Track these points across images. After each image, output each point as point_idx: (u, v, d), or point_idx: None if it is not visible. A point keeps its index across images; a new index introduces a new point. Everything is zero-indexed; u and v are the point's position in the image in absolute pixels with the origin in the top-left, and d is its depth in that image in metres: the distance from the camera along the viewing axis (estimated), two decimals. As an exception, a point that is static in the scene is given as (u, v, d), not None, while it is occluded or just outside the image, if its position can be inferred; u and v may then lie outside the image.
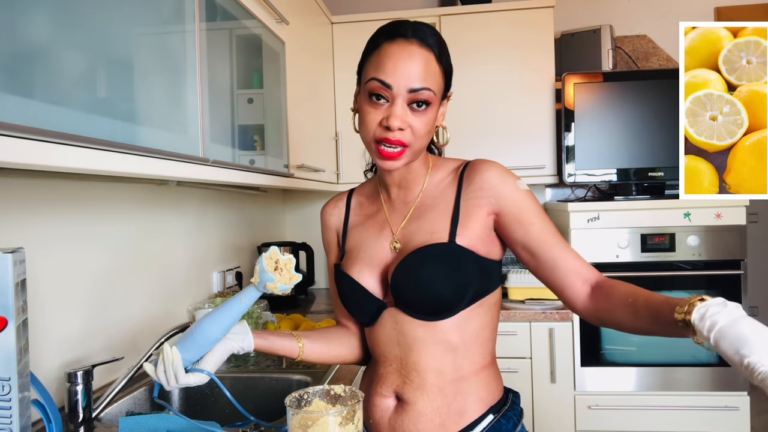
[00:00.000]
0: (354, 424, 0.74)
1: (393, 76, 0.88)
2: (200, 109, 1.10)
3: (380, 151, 0.90)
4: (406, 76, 0.88)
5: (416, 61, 0.88)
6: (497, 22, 2.47)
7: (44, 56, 0.70)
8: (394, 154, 0.90)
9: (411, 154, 0.92)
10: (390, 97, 0.89)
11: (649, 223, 2.16)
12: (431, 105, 0.90)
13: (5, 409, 0.73)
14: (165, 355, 0.87)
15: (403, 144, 0.89)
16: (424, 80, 0.88)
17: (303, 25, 1.94)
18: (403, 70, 0.88)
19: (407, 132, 0.89)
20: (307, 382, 1.35)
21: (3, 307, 0.72)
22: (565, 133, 2.32)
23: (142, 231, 1.50)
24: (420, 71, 0.88)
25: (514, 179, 0.94)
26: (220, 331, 0.89)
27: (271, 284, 0.88)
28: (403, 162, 0.91)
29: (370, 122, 0.90)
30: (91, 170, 0.79)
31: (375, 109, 0.90)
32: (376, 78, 0.89)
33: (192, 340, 0.88)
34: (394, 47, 0.89)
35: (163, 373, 0.87)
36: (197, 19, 1.08)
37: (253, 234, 2.37)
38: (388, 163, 0.91)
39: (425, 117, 0.90)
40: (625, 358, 2.17)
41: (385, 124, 0.89)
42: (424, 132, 0.91)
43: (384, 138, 0.89)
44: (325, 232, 1.10)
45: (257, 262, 0.89)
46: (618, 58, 2.70)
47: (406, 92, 0.88)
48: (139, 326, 1.46)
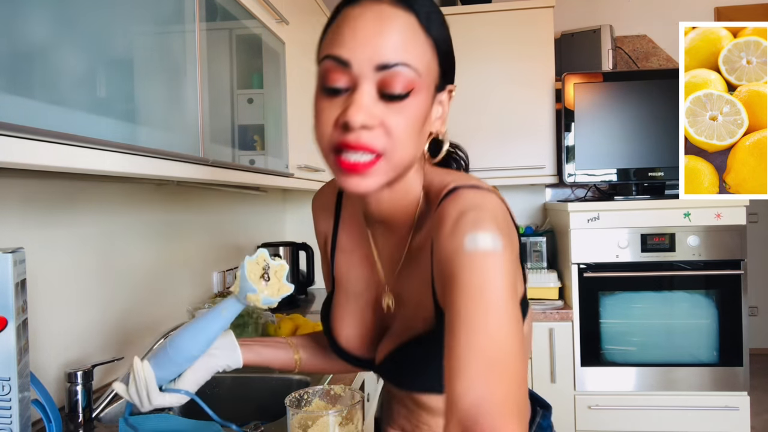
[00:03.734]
0: (354, 424, 0.74)
1: (352, 48, 0.59)
2: (200, 109, 1.09)
3: (340, 163, 0.61)
4: (373, 46, 0.59)
5: (388, 25, 0.59)
6: (497, 22, 2.47)
7: (44, 56, 0.69)
8: (359, 166, 0.60)
9: (389, 170, 0.62)
10: (350, 82, 0.60)
11: (649, 223, 2.16)
12: (416, 92, 0.61)
13: (5, 409, 0.73)
14: (136, 373, 0.76)
15: (373, 150, 0.60)
16: (401, 52, 0.59)
17: (303, 25, 1.94)
18: (366, 37, 0.59)
19: (378, 132, 0.60)
20: (307, 382, 1.35)
21: (3, 307, 0.72)
22: (565, 133, 2.32)
23: (142, 231, 1.50)
24: (393, 39, 0.59)
25: (467, 230, 0.58)
26: (198, 348, 0.78)
27: (252, 295, 0.73)
28: (376, 181, 0.61)
29: (324, 123, 0.62)
30: (91, 170, 0.78)
31: (330, 104, 0.61)
32: (329, 55, 0.61)
33: (167, 358, 0.77)
34: (356, 10, 0.61)
35: (135, 392, 0.77)
36: (197, 19, 1.08)
37: (253, 234, 2.37)
38: (352, 181, 0.61)
39: (407, 110, 0.60)
40: (625, 358, 2.17)
41: (343, 119, 0.59)
42: (406, 133, 0.61)
43: (342, 142, 0.60)
44: (316, 228, 0.89)
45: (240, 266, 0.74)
46: (618, 58, 2.70)
47: (373, 70, 0.59)
48: (139, 326, 1.46)
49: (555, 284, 2.29)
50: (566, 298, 2.28)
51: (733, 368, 2.12)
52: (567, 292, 2.27)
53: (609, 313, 2.19)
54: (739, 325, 2.12)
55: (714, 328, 2.14)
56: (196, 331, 0.78)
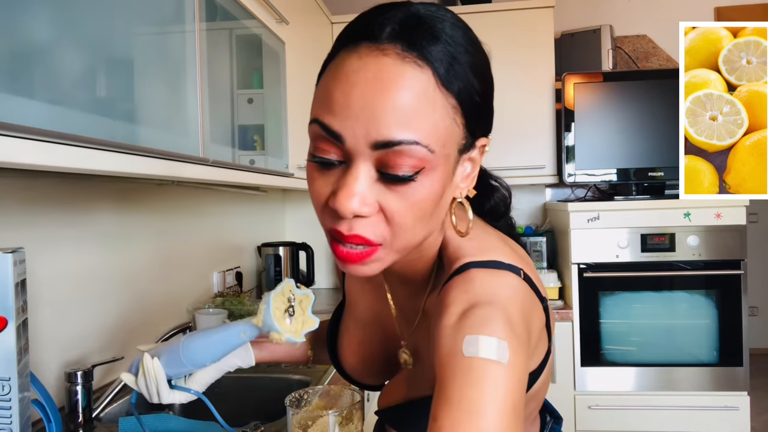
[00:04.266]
0: (354, 424, 0.74)
1: (344, 119, 0.49)
2: (200, 109, 1.09)
3: (336, 251, 0.54)
4: (369, 120, 0.48)
5: (390, 89, 0.48)
6: (497, 22, 2.47)
7: (44, 56, 0.69)
8: (354, 256, 0.53)
9: (392, 255, 0.54)
10: (343, 156, 0.51)
11: (649, 223, 2.16)
12: (427, 171, 0.50)
13: (5, 409, 0.73)
14: (146, 369, 0.78)
15: (368, 242, 0.52)
16: (407, 126, 0.48)
17: (303, 25, 1.94)
18: (362, 105, 0.48)
19: (375, 219, 0.51)
20: (307, 382, 1.35)
21: (3, 307, 0.72)
22: (565, 133, 2.32)
23: (142, 231, 1.50)
24: (399, 107, 0.48)
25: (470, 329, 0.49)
26: (211, 359, 0.78)
27: (275, 335, 0.70)
28: (375, 268, 0.54)
29: (316, 198, 0.54)
30: (91, 170, 0.78)
31: (321, 177, 0.53)
32: (317, 120, 0.51)
33: (177, 360, 0.79)
34: (354, 62, 0.50)
35: (144, 386, 0.79)
36: (197, 19, 1.08)
37: (253, 234, 2.37)
38: (351, 268, 0.54)
39: (415, 194, 0.50)
40: (625, 358, 2.17)
41: (332, 205, 0.51)
42: (413, 219, 0.51)
43: (334, 229, 0.52)
44: None
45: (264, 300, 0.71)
46: (618, 58, 2.71)
47: (369, 148, 0.49)
48: (139, 326, 1.46)
49: (555, 284, 2.29)
50: (566, 298, 2.28)
51: (733, 368, 2.12)
52: (567, 292, 2.27)
53: (609, 313, 2.19)
54: (739, 325, 2.12)
55: (714, 328, 2.14)
56: (211, 345, 0.77)
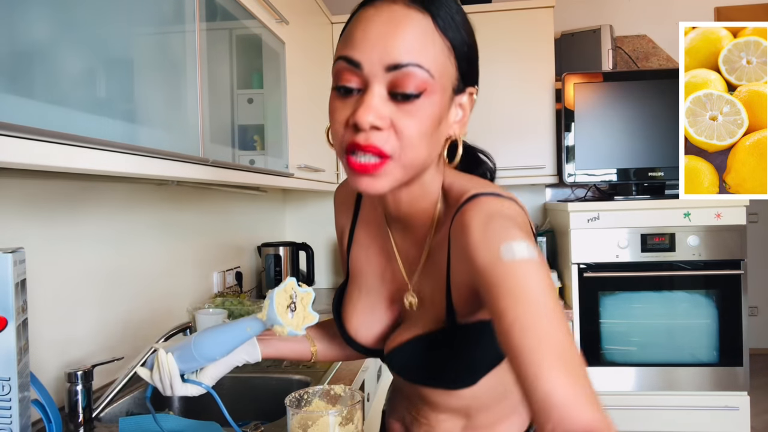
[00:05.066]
0: (354, 424, 0.74)
1: (362, 49, 0.60)
2: (200, 109, 1.09)
3: (351, 164, 0.62)
4: (383, 47, 0.60)
5: (400, 26, 0.60)
6: (497, 22, 2.47)
7: (44, 56, 0.69)
8: (369, 167, 0.61)
9: (399, 171, 0.63)
10: (362, 83, 0.61)
11: (649, 223, 2.16)
12: (429, 93, 0.61)
13: (5, 409, 0.73)
14: (161, 362, 0.81)
15: (381, 153, 0.60)
16: (413, 53, 0.60)
17: (303, 25, 1.94)
18: (377, 38, 0.60)
19: (388, 134, 0.61)
20: (307, 382, 1.35)
21: (3, 307, 0.72)
22: (565, 133, 2.32)
23: (142, 231, 1.50)
24: (405, 40, 0.60)
25: (499, 242, 0.58)
26: (221, 353, 0.83)
27: (279, 328, 0.77)
28: (385, 183, 0.63)
29: (337, 123, 0.63)
30: (91, 170, 0.79)
31: (342, 104, 0.63)
32: (342, 56, 0.62)
33: (189, 355, 0.83)
34: (370, 11, 0.63)
35: (159, 379, 0.82)
36: (197, 19, 1.08)
37: (253, 234, 2.37)
38: (363, 181, 0.62)
39: (419, 112, 0.61)
40: (625, 358, 2.17)
41: (353, 120, 0.61)
42: (417, 135, 0.61)
43: (352, 142, 0.61)
44: (336, 219, 0.91)
45: (268, 295, 0.77)
46: (618, 58, 2.71)
47: (383, 70, 0.60)
48: (139, 326, 1.46)
49: (555, 284, 2.29)
50: (566, 298, 2.28)
51: (733, 368, 2.12)
52: (567, 292, 2.27)
53: (609, 313, 2.19)
54: (739, 325, 2.12)
55: (714, 328, 2.14)
56: (221, 340, 0.82)
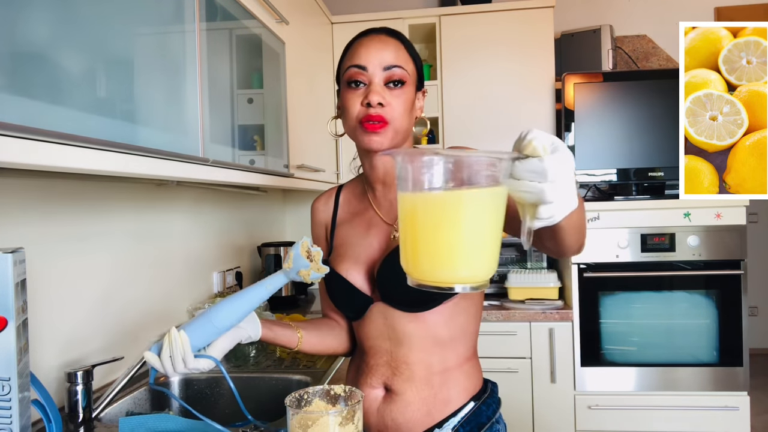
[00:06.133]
0: (354, 424, 0.74)
1: (367, 58, 0.97)
2: (200, 109, 1.10)
3: (365, 126, 0.96)
4: (379, 57, 0.97)
5: (387, 45, 0.98)
6: (497, 22, 2.47)
7: (44, 56, 0.70)
8: (377, 127, 0.95)
9: (393, 132, 0.97)
10: (367, 79, 0.97)
11: (649, 223, 2.16)
12: (406, 85, 0.98)
13: (5, 409, 0.73)
14: (173, 339, 0.85)
15: (384, 120, 0.95)
16: (397, 59, 0.97)
17: (303, 25, 1.94)
18: (375, 52, 0.97)
19: (387, 109, 0.96)
20: (307, 382, 1.35)
21: (3, 307, 0.72)
22: (565, 133, 2.32)
23: (142, 231, 1.50)
24: (392, 53, 0.98)
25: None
26: (238, 318, 0.89)
27: (304, 271, 0.89)
28: (386, 138, 0.96)
29: (352, 106, 0.97)
30: (91, 170, 0.79)
31: (354, 94, 0.98)
32: (352, 65, 0.97)
33: (205, 326, 0.86)
34: (366, 38, 1.00)
35: (168, 358, 0.85)
36: (197, 19, 1.08)
37: (253, 234, 2.37)
38: (374, 139, 0.96)
39: (402, 96, 0.97)
40: (625, 358, 2.17)
41: (366, 101, 0.95)
42: (402, 110, 0.97)
43: (367, 115, 0.95)
44: (314, 227, 1.14)
45: (291, 248, 0.91)
46: (618, 58, 2.71)
47: (381, 70, 0.96)
48: (139, 326, 1.46)
49: (555, 284, 2.29)
50: (566, 298, 2.28)
51: (733, 368, 2.12)
52: (567, 292, 2.27)
53: (609, 313, 2.19)
54: (739, 325, 2.12)
55: (714, 328, 2.14)
56: (241, 303, 0.89)
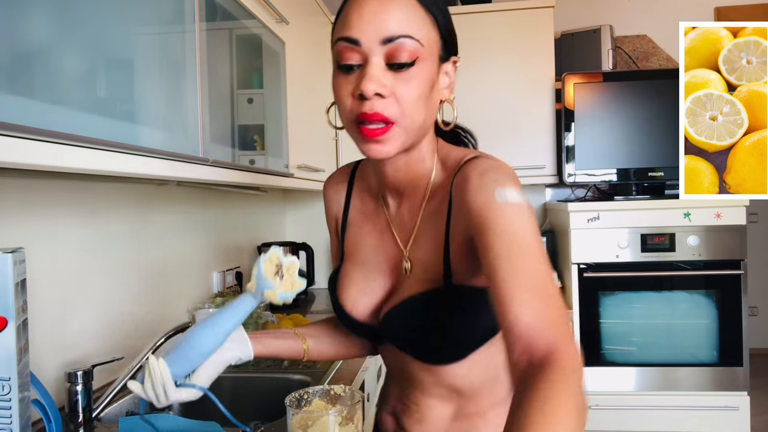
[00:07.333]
0: (354, 424, 0.74)
1: (359, 27, 0.67)
2: (200, 109, 1.09)
3: (362, 131, 0.68)
4: (377, 25, 0.66)
5: (389, 4, 0.67)
6: (497, 22, 2.47)
7: (44, 56, 0.69)
8: (377, 132, 0.67)
9: (403, 135, 0.69)
10: (361, 59, 0.67)
11: (649, 223, 2.16)
12: (420, 61, 0.68)
13: (5, 409, 0.73)
14: (152, 369, 0.77)
15: (386, 119, 0.67)
16: (403, 26, 0.66)
17: (303, 25, 1.94)
18: (371, 16, 0.66)
19: (390, 101, 0.67)
20: (307, 382, 1.35)
21: (3, 307, 0.72)
22: (565, 133, 2.32)
23: (142, 231, 1.50)
24: (397, 17, 0.66)
25: (494, 188, 0.66)
26: (215, 344, 0.80)
27: (269, 292, 0.77)
28: (391, 148, 0.69)
29: (343, 97, 0.69)
30: (91, 170, 0.78)
31: (345, 80, 0.69)
32: (341, 37, 0.68)
33: (183, 354, 0.79)
34: None
35: (151, 389, 0.78)
36: (197, 19, 1.08)
37: (253, 234, 2.37)
38: (373, 147, 0.69)
39: (414, 78, 0.67)
40: (625, 358, 2.17)
41: (358, 91, 0.67)
42: (415, 99, 0.68)
43: (361, 113, 0.67)
44: (327, 211, 0.94)
45: (255, 265, 0.78)
46: (618, 58, 2.71)
47: (379, 44, 0.66)
48: (139, 326, 1.46)
49: (555, 284, 2.29)
50: (566, 298, 2.28)
51: (733, 368, 2.12)
52: (567, 292, 2.27)
53: (609, 313, 2.19)
54: (739, 325, 2.12)
55: (714, 328, 2.14)
56: (212, 328, 0.79)
